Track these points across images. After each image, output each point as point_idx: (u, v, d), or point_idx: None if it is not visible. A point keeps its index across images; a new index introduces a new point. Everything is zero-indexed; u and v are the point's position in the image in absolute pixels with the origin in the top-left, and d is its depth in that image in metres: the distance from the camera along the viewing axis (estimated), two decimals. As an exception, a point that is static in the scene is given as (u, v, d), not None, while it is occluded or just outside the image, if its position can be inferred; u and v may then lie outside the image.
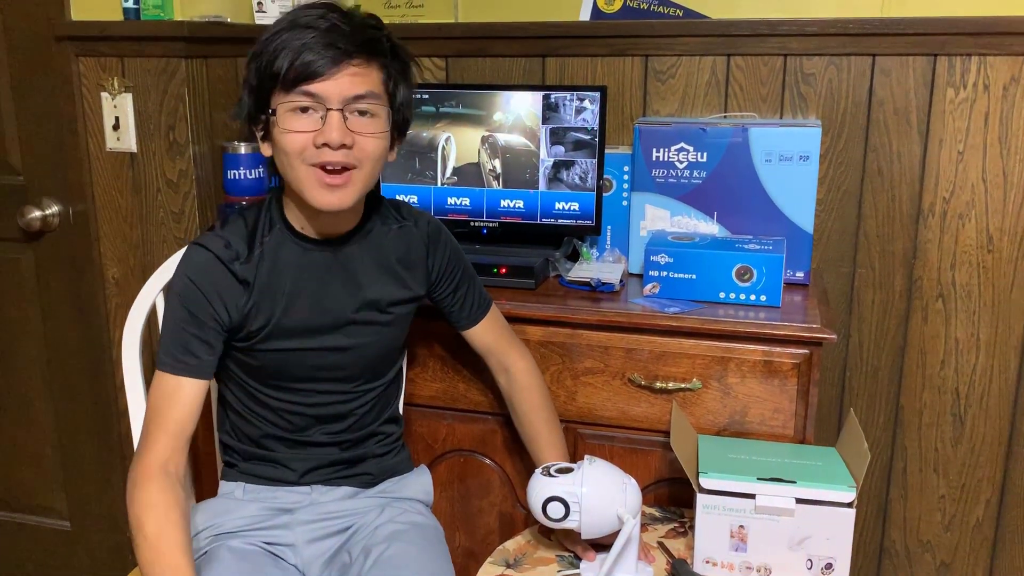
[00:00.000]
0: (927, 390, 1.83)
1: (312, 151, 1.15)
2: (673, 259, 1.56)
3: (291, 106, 1.14)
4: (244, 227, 1.25)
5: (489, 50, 1.89)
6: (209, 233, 1.25)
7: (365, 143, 1.16)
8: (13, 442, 2.13)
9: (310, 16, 1.15)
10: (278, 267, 1.24)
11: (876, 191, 1.77)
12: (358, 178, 1.18)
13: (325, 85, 1.13)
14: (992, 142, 1.70)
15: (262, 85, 1.16)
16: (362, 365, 1.31)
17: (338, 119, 1.14)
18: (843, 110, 1.75)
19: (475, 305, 1.41)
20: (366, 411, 1.34)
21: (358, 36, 1.15)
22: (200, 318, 1.19)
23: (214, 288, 1.20)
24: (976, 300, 1.77)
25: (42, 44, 1.81)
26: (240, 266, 1.21)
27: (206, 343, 1.20)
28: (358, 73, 1.15)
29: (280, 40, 1.14)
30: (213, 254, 1.21)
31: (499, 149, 1.73)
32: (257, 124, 1.21)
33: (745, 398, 1.47)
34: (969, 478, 1.84)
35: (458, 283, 1.38)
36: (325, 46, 1.12)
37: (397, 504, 1.35)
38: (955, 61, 1.68)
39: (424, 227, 1.35)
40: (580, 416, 1.55)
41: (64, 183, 1.89)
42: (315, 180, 1.16)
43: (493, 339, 1.43)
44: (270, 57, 1.14)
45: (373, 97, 1.16)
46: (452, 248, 1.38)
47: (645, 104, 1.85)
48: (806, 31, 1.71)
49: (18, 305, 2.02)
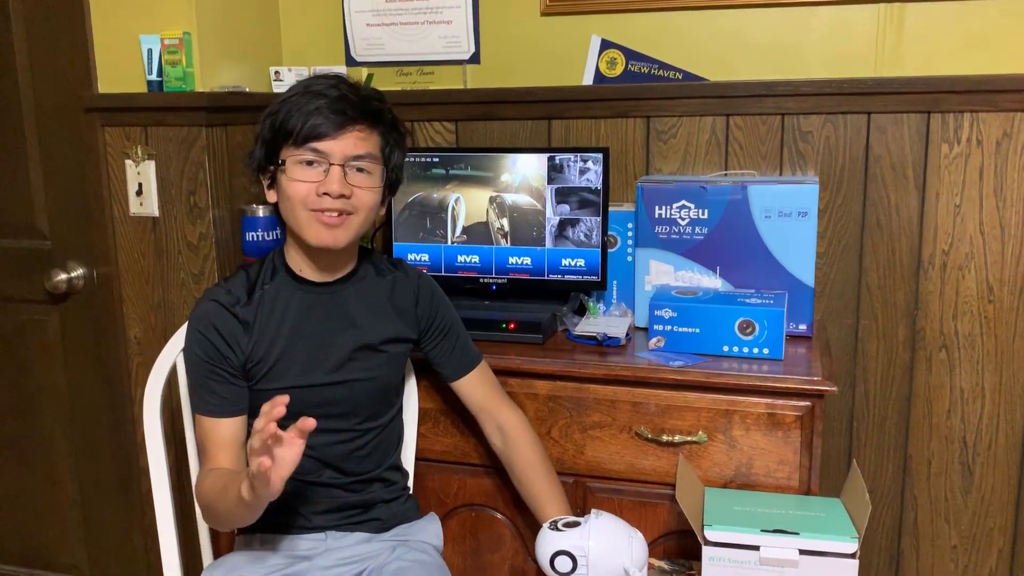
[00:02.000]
0: (934, 439, 1.84)
1: (314, 199, 1.29)
2: (677, 313, 1.60)
3: (299, 159, 1.29)
4: (246, 277, 1.39)
5: (497, 114, 1.96)
6: (212, 287, 1.39)
7: (361, 195, 1.31)
8: (36, 499, 2.18)
9: (322, 85, 1.31)
10: (278, 308, 1.36)
11: (876, 244, 1.81)
12: (353, 222, 1.32)
13: (330, 144, 1.28)
14: (988, 195, 1.74)
15: (275, 139, 1.31)
16: (360, 402, 1.39)
17: (339, 173, 1.28)
18: (841, 166, 1.80)
19: (463, 356, 1.48)
20: (367, 453, 1.41)
21: (363, 106, 1.31)
22: (211, 360, 1.32)
23: (219, 331, 1.32)
24: (979, 350, 1.79)
25: (70, 115, 1.91)
26: (241, 309, 1.34)
27: (226, 382, 1.32)
28: (360, 137, 1.30)
29: (294, 103, 1.30)
30: (216, 301, 1.34)
31: (507, 208, 1.79)
32: (265, 173, 1.35)
33: (750, 450, 1.49)
34: (980, 528, 1.84)
35: (447, 333, 1.47)
36: (334, 112, 1.28)
37: (409, 547, 1.39)
38: (948, 118, 1.73)
39: (415, 278, 1.46)
40: (589, 470, 1.58)
41: (89, 247, 1.96)
42: (315, 221, 1.30)
43: (483, 395, 1.49)
44: (285, 116, 1.30)
45: (371, 158, 1.32)
46: (440, 300, 1.48)
47: (648, 163, 1.91)
48: (801, 91, 1.77)
49: (44, 365, 2.08)
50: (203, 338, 1.32)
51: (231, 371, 1.33)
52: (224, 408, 1.32)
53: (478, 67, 2.00)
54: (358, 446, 1.40)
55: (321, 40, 2.09)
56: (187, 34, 1.78)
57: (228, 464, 1.31)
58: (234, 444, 1.32)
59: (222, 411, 1.32)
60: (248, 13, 1.99)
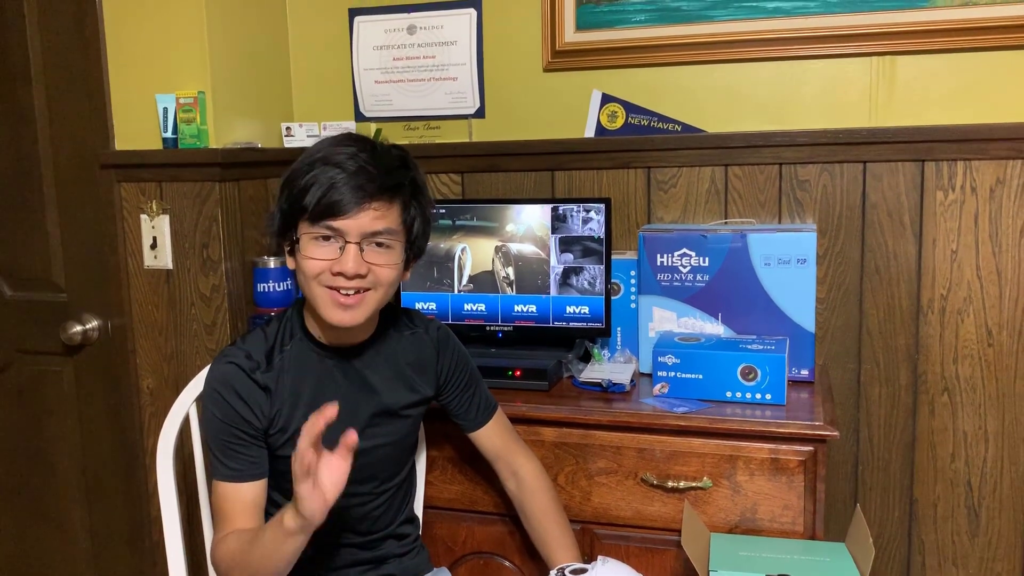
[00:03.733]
0: (940, 483, 1.85)
1: (328, 276, 1.24)
2: (680, 360, 1.63)
3: (314, 234, 1.24)
4: (264, 339, 1.34)
5: (501, 166, 2.02)
6: (230, 347, 1.35)
7: (379, 272, 1.26)
8: (49, 550, 2.19)
9: (342, 155, 1.24)
10: (297, 375, 1.33)
11: (875, 289, 1.84)
12: (371, 299, 1.27)
13: (346, 222, 1.22)
14: (984, 240, 1.77)
15: (291, 212, 1.26)
16: (377, 467, 1.38)
17: (355, 251, 1.23)
18: (839, 213, 1.84)
19: (481, 407, 1.48)
20: (382, 512, 1.41)
21: (383, 180, 1.24)
22: (233, 424, 1.28)
23: (240, 395, 1.29)
24: (981, 393, 1.81)
25: (88, 171, 1.97)
26: (261, 375, 1.30)
27: (248, 446, 1.29)
28: (379, 212, 1.24)
29: (312, 174, 1.23)
30: (236, 365, 1.30)
31: (512, 258, 1.83)
32: (284, 240, 1.31)
33: (755, 495, 1.51)
34: (988, 571, 1.84)
35: (465, 385, 1.47)
36: (352, 188, 1.21)
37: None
38: (942, 166, 1.78)
39: (434, 333, 1.45)
40: (595, 516, 1.59)
41: (104, 299, 2.01)
42: (329, 299, 1.25)
43: (500, 442, 1.50)
44: (301, 189, 1.24)
45: (390, 233, 1.26)
46: (459, 352, 1.47)
47: (649, 212, 1.95)
48: (798, 141, 1.82)
49: (58, 415, 2.11)
50: (223, 401, 1.28)
51: (253, 434, 1.29)
52: (245, 473, 1.29)
53: (483, 121, 2.06)
54: (375, 506, 1.40)
55: (330, 96, 2.16)
56: (202, 93, 1.85)
57: (241, 525, 1.27)
58: (256, 508, 1.29)
59: (243, 476, 1.28)
60: (260, 72, 2.06)
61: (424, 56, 2.06)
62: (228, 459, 1.28)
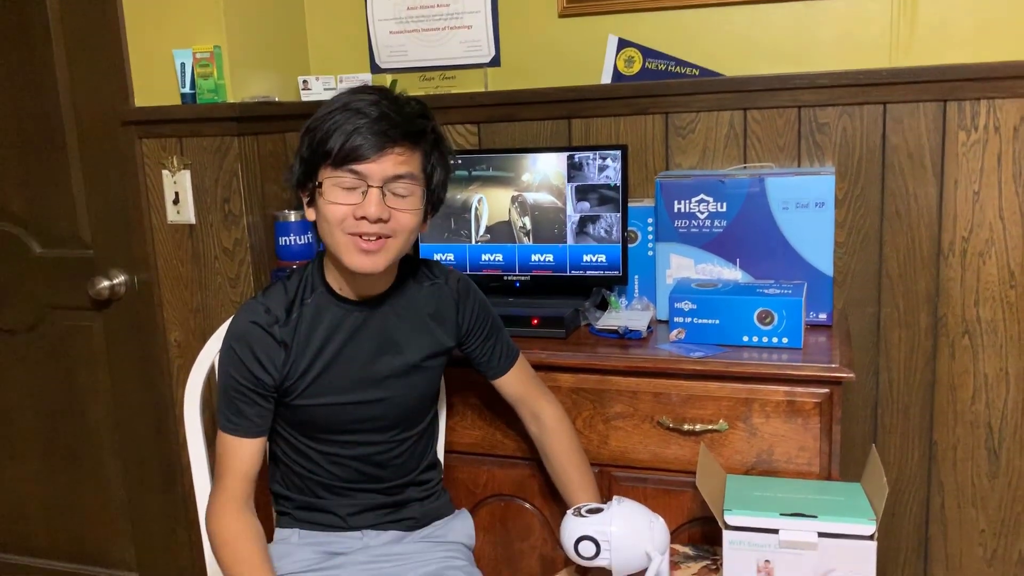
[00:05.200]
0: (959, 425, 1.85)
1: (351, 221, 1.26)
2: (697, 306, 1.64)
3: (336, 181, 1.25)
4: (284, 293, 1.36)
5: (518, 115, 2.01)
6: (251, 301, 1.37)
7: (400, 217, 1.27)
8: (85, 499, 2.27)
9: (363, 102, 1.26)
10: (317, 327, 1.35)
11: (896, 233, 1.83)
12: (392, 246, 1.29)
13: (369, 166, 1.24)
14: (1007, 181, 1.75)
15: (313, 159, 1.27)
16: (398, 415, 1.41)
17: (377, 195, 1.25)
18: (858, 156, 1.82)
19: (503, 355, 1.50)
20: (405, 459, 1.44)
21: (405, 126, 1.26)
22: (244, 382, 1.31)
23: (255, 352, 1.31)
24: (1002, 335, 1.80)
25: (109, 129, 1.99)
26: (279, 329, 1.32)
27: (255, 404, 1.32)
28: (401, 156, 1.26)
29: (333, 121, 1.25)
30: (253, 321, 1.32)
31: (528, 207, 1.83)
32: (304, 191, 1.33)
33: (770, 437, 1.52)
34: (1008, 512, 1.85)
35: (487, 335, 1.48)
36: (375, 132, 1.23)
37: (441, 548, 1.44)
38: (964, 105, 1.74)
39: (454, 284, 1.45)
40: (613, 459, 1.62)
41: (130, 254, 2.05)
42: (352, 246, 1.27)
43: (523, 388, 1.52)
44: (323, 136, 1.25)
45: (411, 178, 1.27)
46: (480, 302, 1.48)
47: (667, 158, 1.94)
48: (817, 84, 1.80)
49: (89, 369, 2.17)
50: (238, 360, 1.31)
51: (263, 393, 1.32)
52: (249, 430, 1.32)
53: (498, 70, 2.05)
54: (396, 454, 1.42)
55: (346, 48, 2.15)
56: (218, 47, 1.85)
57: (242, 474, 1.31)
58: (253, 462, 1.33)
59: (247, 432, 1.32)
60: (275, 25, 2.06)
61: (438, 4, 2.04)
62: (233, 414, 1.32)
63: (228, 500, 1.30)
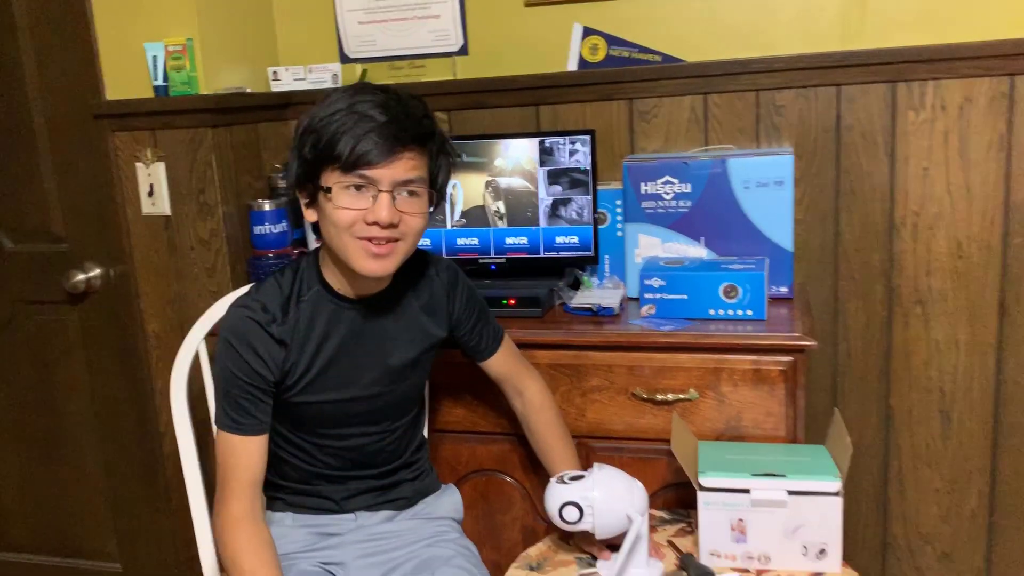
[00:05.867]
0: (914, 390, 1.96)
1: (361, 226, 1.25)
2: (666, 282, 1.71)
3: (346, 184, 1.24)
4: (279, 290, 1.35)
5: (487, 103, 2.06)
6: (246, 297, 1.35)
7: (410, 220, 1.28)
8: (65, 492, 2.28)
9: (368, 104, 1.24)
10: (314, 326, 1.35)
11: (851, 209, 1.92)
12: (401, 249, 1.30)
13: (380, 171, 1.23)
14: (953, 157, 1.85)
15: (317, 161, 1.25)
16: (392, 408, 1.45)
17: (387, 200, 1.24)
18: (814, 137, 1.91)
19: (491, 338, 1.55)
20: (396, 446, 1.48)
21: (415, 130, 1.26)
22: (246, 380, 1.31)
23: (254, 349, 1.30)
24: (952, 303, 1.90)
25: (80, 123, 2.00)
26: (277, 328, 1.32)
27: (259, 402, 1.32)
28: (410, 163, 1.26)
29: (340, 123, 1.23)
30: (251, 318, 1.31)
31: (502, 192, 1.89)
32: (303, 191, 1.32)
33: (739, 404, 1.60)
34: (960, 471, 1.96)
35: (475, 321, 1.52)
36: (385, 137, 1.22)
37: (432, 523, 1.50)
38: (913, 86, 1.84)
39: (444, 275, 1.48)
40: (590, 431, 1.69)
41: (105, 247, 2.06)
42: (362, 250, 1.27)
43: (508, 367, 1.58)
44: (329, 138, 1.23)
45: (420, 181, 1.28)
46: (469, 290, 1.52)
47: (632, 143, 2.01)
48: (774, 67, 1.88)
49: (66, 364, 2.18)
50: (238, 356, 1.30)
51: (264, 389, 1.32)
52: (255, 428, 1.32)
53: (467, 58, 2.10)
54: (388, 442, 1.46)
55: (315, 39, 2.18)
56: (190, 40, 1.88)
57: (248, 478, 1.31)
58: (258, 461, 1.32)
59: (254, 430, 1.31)
60: (244, 17, 2.09)
61: (406, -5, 2.09)
62: (236, 413, 1.31)
63: (240, 518, 1.28)
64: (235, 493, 1.30)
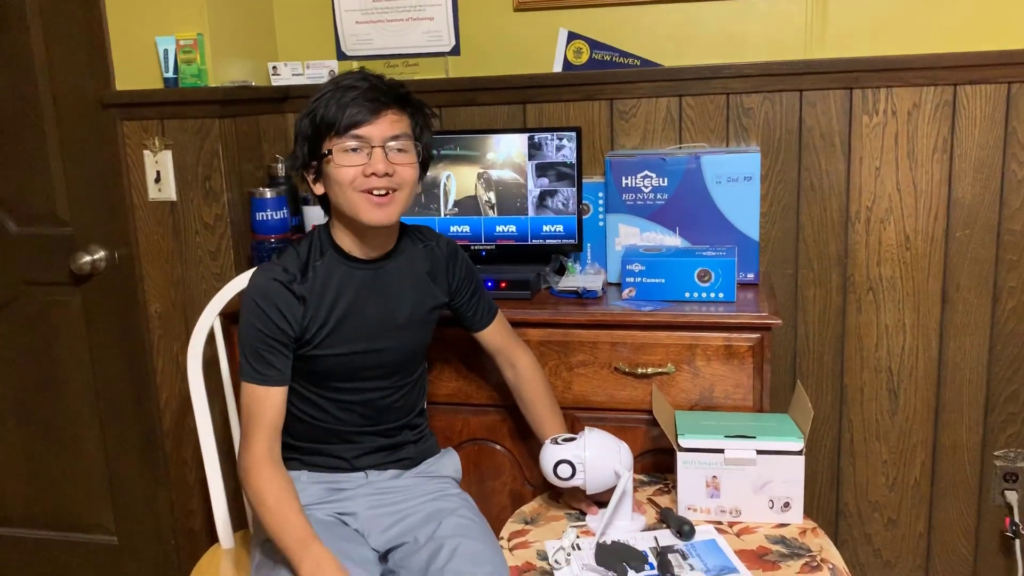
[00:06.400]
0: (865, 370, 2.15)
1: (361, 180, 1.44)
2: (646, 267, 1.87)
3: (343, 146, 1.44)
4: (296, 255, 1.53)
5: (477, 100, 2.20)
6: (267, 263, 1.53)
7: (402, 171, 1.47)
8: (62, 468, 2.36)
9: (351, 79, 1.46)
10: (329, 284, 1.52)
11: (811, 203, 2.10)
12: (399, 198, 1.48)
13: (369, 129, 1.43)
14: (902, 158, 2.04)
15: (317, 134, 1.45)
16: (400, 362, 1.59)
17: (381, 153, 1.44)
18: (779, 137, 2.09)
19: (485, 311, 1.70)
20: (402, 404, 1.62)
21: (392, 92, 1.47)
22: (270, 334, 1.46)
23: (277, 306, 1.46)
24: (900, 290, 2.09)
25: (89, 111, 2.09)
26: (298, 286, 1.49)
27: (280, 355, 1.47)
28: (394, 119, 1.46)
29: (328, 97, 1.44)
30: (273, 277, 1.48)
31: (493, 183, 2.03)
32: (309, 169, 1.50)
33: (711, 377, 1.77)
34: (906, 444, 2.16)
35: (472, 292, 1.68)
36: (369, 99, 1.43)
37: (435, 481, 1.63)
38: (867, 93, 2.03)
39: (444, 247, 1.65)
40: (576, 403, 1.84)
41: (110, 231, 2.15)
42: (365, 201, 1.45)
43: (501, 340, 1.72)
44: (323, 111, 1.44)
45: (406, 136, 1.48)
46: (466, 263, 1.68)
47: (613, 140, 2.17)
48: (743, 73, 2.05)
49: (68, 342, 2.27)
50: (263, 313, 1.45)
51: (285, 342, 1.46)
52: (277, 379, 1.46)
53: (458, 59, 2.24)
54: (396, 399, 1.60)
55: (314, 37, 2.30)
56: (200, 35, 1.99)
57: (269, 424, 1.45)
58: (280, 410, 1.47)
59: (276, 381, 1.46)
60: (248, 14, 2.20)
61: (402, -3, 2.22)
62: (260, 365, 1.46)
63: (263, 457, 1.43)
64: (258, 436, 1.44)
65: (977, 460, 2.13)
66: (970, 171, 2.01)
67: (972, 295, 2.06)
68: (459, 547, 1.44)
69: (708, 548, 1.50)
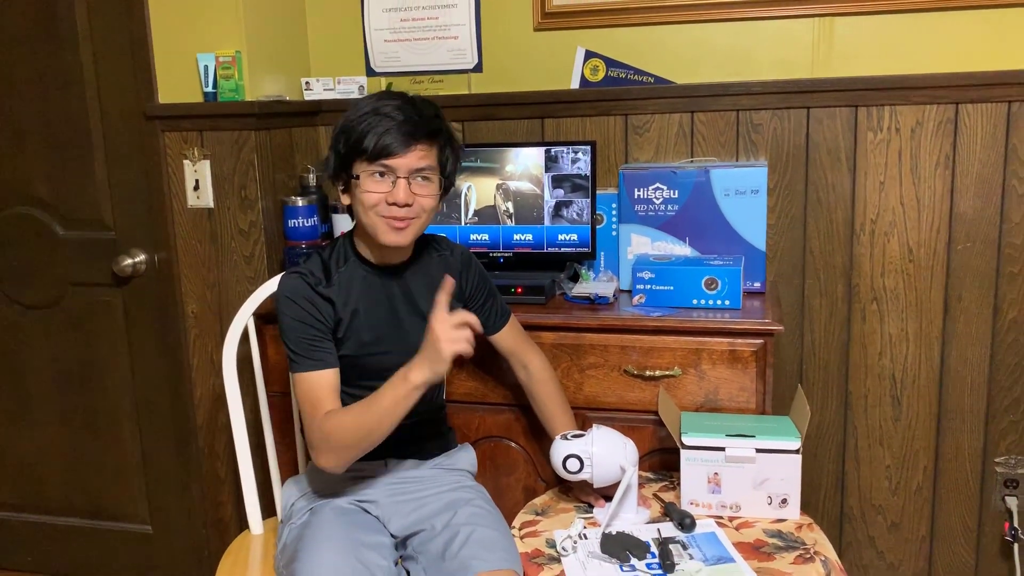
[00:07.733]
0: (870, 377, 2.22)
1: (384, 206, 1.53)
2: (655, 275, 1.96)
3: (371, 171, 1.53)
4: (321, 262, 1.64)
5: (497, 115, 2.31)
6: (294, 269, 1.62)
7: (423, 200, 1.55)
8: (100, 460, 2.49)
9: (389, 107, 1.53)
10: (352, 289, 1.62)
11: (817, 216, 2.19)
12: (416, 224, 1.57)
13: (398, 160, 1.51)
14: (906, 173, 2.12)
15: (349, 154, 1.54)
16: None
17: (404, 184, 1.52)
18: (786, 152, 2.18)
19: (499, 315, 1.80)
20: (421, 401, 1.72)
21: (426, 126, 1.54)
22: (310, 324, 1.56)
23: (311, 300, 1.58)
24: (903, 301, 2.17)
25: (134, 123, 2.23)
26: (324, 288, 1.60)
27: (324, 340, 1.57)
28: (422, 153, 1.53)
29: (367, 123, 1.51)
30: (302, 280, 1.59)
31: (511, 193, 2.14)
32: (338, 180, 1.60)
33: (716, 380, 1.86)
34: (908, 449, 2.23)
35: (486, 297, 1.78)
36: (402, 133, 1.50)
37: (452, 473, 1.73)
38: (872, 110, 2.11)
39: (459, 256, 1.75)
40: (587, 403, 1.93)
41: (150, 235, 2.29)
42: (385, 225, 1.55)
43: (514, 342, 1.82)
44: (358, 136, 1.51)
45: (431, 170, 1.56)
46: (480, 271, 1.78)
47: (627, 153, 2.27)
48: (753, 90, 2.14)
49: (109, 340, 2.40)
50: (299, 307, 1.55)
51: (325, 331, 1.56)
52: (326, 362, 1.55)
53: (481, 75, 2.35)
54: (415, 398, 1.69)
55: (344, 54, 2.43)
56: (238, 52, 2.11)
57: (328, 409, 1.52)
58: (334, 390, 1.55)
59: (325, 364, 1.55)
60: (283, 32, 2.33)
61: (428, 17, 2.34)
62: (309, 353, 1.54)
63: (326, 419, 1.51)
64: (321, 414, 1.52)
65: (978, 466, 2.20)
66: (971, 186, 2.09)
67: (973, 306, 2.13)
68: (473, 533, 1.53)
69: (708, 540, 1.59)
